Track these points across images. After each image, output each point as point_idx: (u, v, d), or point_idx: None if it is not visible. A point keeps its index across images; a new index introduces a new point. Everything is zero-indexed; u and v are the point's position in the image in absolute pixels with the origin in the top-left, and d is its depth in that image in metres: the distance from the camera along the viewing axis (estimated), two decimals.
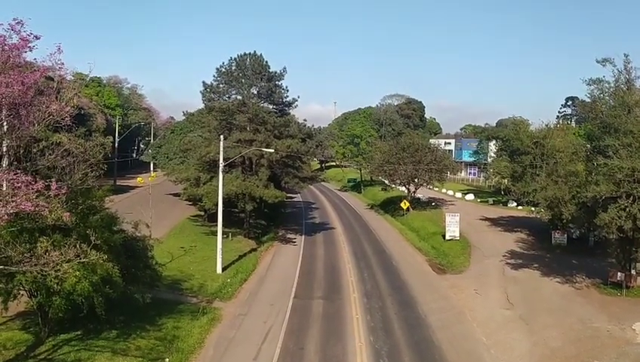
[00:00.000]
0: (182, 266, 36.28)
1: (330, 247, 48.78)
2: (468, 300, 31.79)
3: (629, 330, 25.53)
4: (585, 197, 30.33)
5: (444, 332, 25.89)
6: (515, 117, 70.38)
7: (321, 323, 27.51)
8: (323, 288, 34.74)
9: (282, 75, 50.91)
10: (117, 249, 22.07)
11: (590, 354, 23.09)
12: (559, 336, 25.21)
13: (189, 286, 32.62)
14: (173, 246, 40.84)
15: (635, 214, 28.23)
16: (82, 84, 70.18)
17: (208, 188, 44.80)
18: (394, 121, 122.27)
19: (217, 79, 50.69)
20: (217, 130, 45.99)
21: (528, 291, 32.91)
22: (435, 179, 68.53)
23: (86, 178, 22.11)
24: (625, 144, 29.25)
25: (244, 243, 47.03)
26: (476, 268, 39.74)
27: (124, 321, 24.02)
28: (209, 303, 29.91)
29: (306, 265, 41.40)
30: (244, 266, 39.15)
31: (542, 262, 39.27)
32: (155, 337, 23.59)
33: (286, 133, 49.85)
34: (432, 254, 45.32)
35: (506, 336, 25.65)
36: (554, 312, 28.60)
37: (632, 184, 28.33)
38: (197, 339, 24.28)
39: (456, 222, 48.68)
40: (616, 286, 31.95)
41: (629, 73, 31.07)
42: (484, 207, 69.73)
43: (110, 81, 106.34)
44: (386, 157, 69.79)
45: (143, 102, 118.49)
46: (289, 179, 51.40)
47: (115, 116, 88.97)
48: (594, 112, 33.60)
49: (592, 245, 43.34)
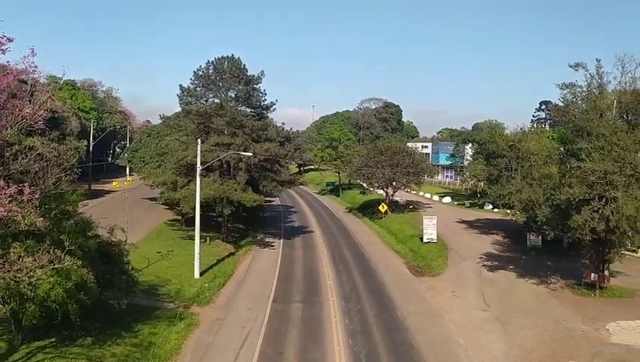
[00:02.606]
0: (159, 271, 35.82)
1: (309, 251, 48.74)
2: (445, 302, 32.03)
3: (603, 330, 26.00)
4: (559, 200, 30.83)
5: (422, 335, 26.03)
6: (491, 121, 71.71)
7: (299, 327, 27.43)
8: (302, 292, 34.67)
9: (260, 79, 50.74)
10: (92, 254, 21.69)
11: (565, 354, 23.43)
12: (535, 337, 25.55)
13: (166, 291, 32.23)
14: (149, 251, 40.32)
15: (607, 216, 28.79)
16: (56, 87, 69.18)
17: (186, 192, 44.37)
18: (372, 125, 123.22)
19: (194, 82, 50.30)
20: (195, 134, 45.61)
21: (504, 292, 33.32)
22: (413, 182, 69.11)
23: (60, 182, 21.75)
24: (597, 147, 29.87)
25: (222, 247, 46.69)
26: (453, 270, 40.10)
27: (100, 328, 23.64)
28: (186, 308, 29.56)
29: (284, 268, 41.28)
30: (223, 270, 38.84)
31: (517, 264, 39.82)
32: (131, 344, 23.22)
33: (264, 137, 49.65)
34: (410, 257, 45.59)
35: (482, 338, 25.90)
36: (529, 313, 29.00)
37: (605, 186, 28.89)
38: (174, 345, 23.97)
39: (433, 225, 49.05)
40: (589, 286, 32.54)
41: (600, 78, 31.82)
42: (461, 210, 70.52)
43: (84, 84, 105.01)
44: (364, 160, 70.17)
45: (119, 105, 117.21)
46: (267, 182, 51.21)
47: (89, 119, 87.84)
48: (567, 116, 34.30)
49: (566, 247, 44.12)
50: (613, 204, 28.66)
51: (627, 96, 30.88)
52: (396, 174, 65.99)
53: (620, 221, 28.78)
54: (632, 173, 29.07)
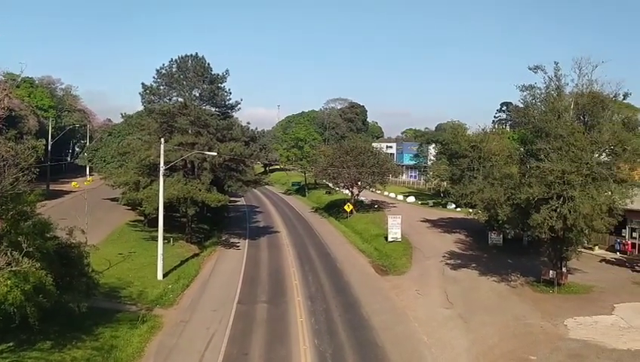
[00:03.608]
0: (120, 273, 35.14)
1: (275, 251, 48.58)
2: (410, 300, 32.42)
3: (561, 326, 26.75)
4: (519, 199, 31.51)
5: (386, 333, 26.28)
6: (454, 121, 72.76)
7: (265, 327, 27.31)
8: (267, 292, 34.54)
9: (225, 78, 50.17)
10: (50, 256, 21.19)
11: (525, 349, 24.01)
12: (496, 333, 26.11)
13: (128, 293, 31.63)
14: (111, 252, 39.50)
15: (565, 215, 29.61)
16: (13, 85, 67.35)
17: (148, 192, 43.62)
18: (337, 125, 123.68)
19: (157, 81, 49.34)
20: (158, 133, 44.86)
21: (467, 290, 33.94)
22: (378, 182, 69.64)
23: (17, 182, 21.15)
24: (555, 147, 30.64)
25: (186, 248, 46.10)
26: (417, 268, 40.61)
27: (59, 331, 23.09)
28: (149, 311, 29.08)
29: (249, 269, 41.04)
30: (186, 272, 38.35)
31: (479, 262, 40.61)
32: (91, 347, 22.75)
33: (229, 136, 49.22)
34: (375, 256, 45.95)
35: (446, 335, 26.32)
36: (491, 310, 29.62)
37: (563, 186, 29.71)
38: (136, 348, 23.58)
39: (398, 224, 49.58)
40: (548, 283, 33.43)
41: (558, 80, 32.52)
42: (425, 209, 71.50)
43: (43, 81, 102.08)
44: (329, 160, 70.33)
45: (78, 103, 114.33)
46: (232, 182, 50.78)
47: (48, 118, 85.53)
48: (527, 117, 34.96)
49: (526, 245, 45.24)
50: (571, 202, 29.49)
51: (584, 98, 31.67)
52: (361, 174, 66.43)
53: (577, 219, 29.64)
54: (588, 172, 29.94)
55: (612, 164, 31.35)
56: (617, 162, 31.46)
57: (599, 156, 31.87)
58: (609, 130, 31.19)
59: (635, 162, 31.97)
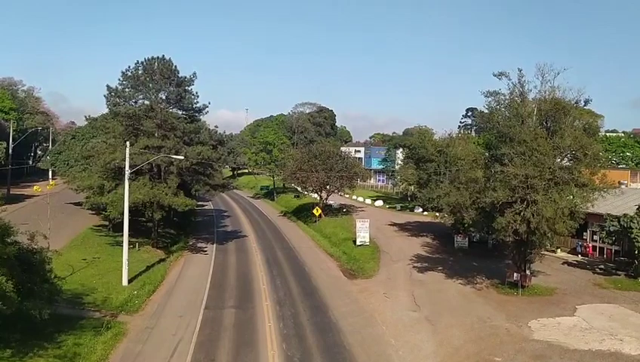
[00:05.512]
0: (84, 279, 34.33)
1: (243, 256, 48.24)
2: (377, 304, 32.61)
3: (526, 328, 27.27)
4: (484, 203, 32.08)
5: (354, 336, 26.38)
6: (421, 126, 73.71)
7: (232, 333, 27.08)
8: (235, 297, 34.25)
9: (192, 80, 49.57)
10: (11, 262, 20.63)
11: (490, 351, 24.42)
12: (462, 335, 26.47)
13: (92, 299, 30.92)
14: (74, 258, 38.57)
15: (528, 218, 30.28)
16: None
17: (113, 196, 42.80)
18: (306, 129, 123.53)
19: (123, 83, 48.40)
20: (123, 136, 44.06)
21: (433, 293, 34.35)
22: (346, 186, 69.93)
23: None
24: (519, 152, 31.28)
25: (152, 253, 45.38)
26: (385, 272, 40.89)
27: (20, 339, 22.52)
28: (113, 317, 28.51)
29: (217, 274, 40.65)
30: (152, 277, 37.73)
31: (445, 265, 41.15)
32: (54, 355, 22.22)
33: (196, 140, 48.72)
34: (344, 260, 46.08)
35: (413, 337, 26.57)
36: (457, 312, 30.03)
37: (526, 190, 30.35)
38: (100, 356, 23.10)
39: (366, 228, 49.89)
40: (512, 285, 34.04)
41: (522, 86, 33.25)
42: (393, 213, 72.16)
43: (4, 83, 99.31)
44: (298, 164, 70.26)
45: (41, 105, 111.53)
46: (200, 186, 50.22)
47: (8, 120, 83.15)
48: (491, 123, 35.60)
49: (490, 248, 46.06)
50: (534, 206, 30.17)
51: (546, 104, 32.40)
52: (330, 178, 66.63)
53: (540, 223, 30.34)
54: (550, 177, 30.68)
55: (574, 168, 32.08)
56: (579, 167, 32.22)
57: (561, 161, 32.70)
58: (571, 135, 31.97)
59: (596, 167, 32.81)
